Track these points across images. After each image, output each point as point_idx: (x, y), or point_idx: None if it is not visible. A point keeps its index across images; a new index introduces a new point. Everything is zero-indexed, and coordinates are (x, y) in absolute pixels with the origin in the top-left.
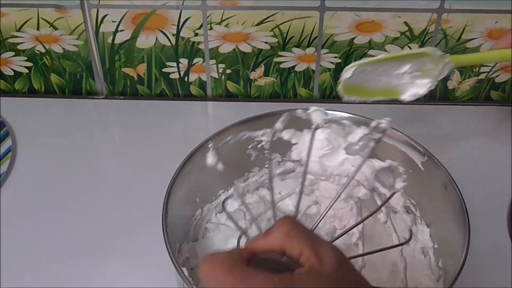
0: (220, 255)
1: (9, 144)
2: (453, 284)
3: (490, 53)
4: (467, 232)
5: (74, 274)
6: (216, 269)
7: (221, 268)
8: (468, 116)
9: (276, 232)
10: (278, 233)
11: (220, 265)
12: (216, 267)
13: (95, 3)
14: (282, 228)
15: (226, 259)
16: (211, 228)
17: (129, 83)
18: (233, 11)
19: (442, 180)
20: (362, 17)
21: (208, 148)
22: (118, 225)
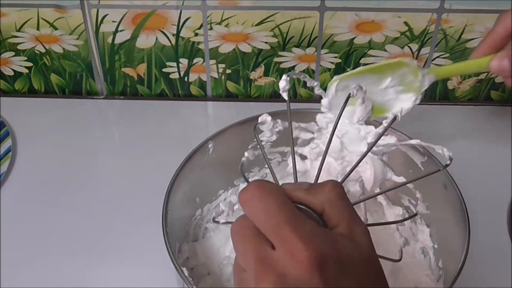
0: (271, 184)
1: (9, 144)
2: (453, 284)
3: (467, 63)
4: (467, 232)
5: (74, 274)
6: (268, 198)
7: (274, 200)
8: (468, 116)
9: (322, 194)
10: (323, 196)
11: (272, 196)
12: (267, 196)
13: (95, 3)
14: (329, 193)
15: (277, 192)
16: (211, 228)
17: (129, 83)
18: (233, 11)
19: (442, 180)
20: (362, 17)
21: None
22: (118, 225)
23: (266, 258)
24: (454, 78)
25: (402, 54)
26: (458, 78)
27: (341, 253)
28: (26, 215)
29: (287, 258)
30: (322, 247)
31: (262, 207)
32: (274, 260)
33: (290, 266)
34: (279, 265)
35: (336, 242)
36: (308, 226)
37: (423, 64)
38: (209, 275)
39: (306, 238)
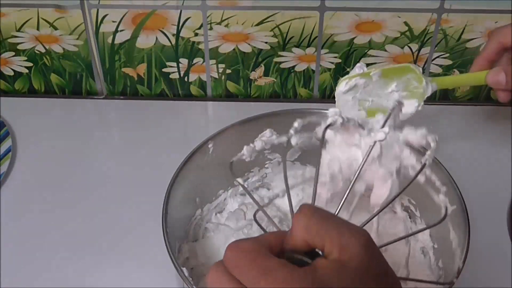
0: (247, 243)
1: (9, 144)
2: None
3: (467, 76)
4: (467, 232)
5: (74, 274)
6: (241, 257)
7: (245, 257)
8: (468, 116)
9: (296, 228)
10: (298, 229)
11: (244, 254)
12: (240, 255)
13: (95, 3)
14: (299, 222)
15: (252, 248)
16: (211, 228)
17: (129, 83)
18: (233, 11)
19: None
20: (362, 17)
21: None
22: (118, 225)
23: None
24: None
25: (402, 54)
26: None
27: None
28: (26, 215)
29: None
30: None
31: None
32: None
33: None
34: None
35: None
36: (284, 273)
37: (423, 64)
38: None
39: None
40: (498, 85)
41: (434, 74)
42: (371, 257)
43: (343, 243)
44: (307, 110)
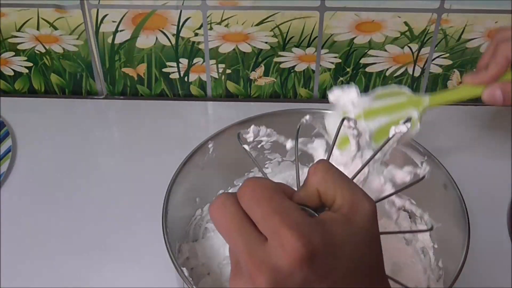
0: (266, 181)
1: (9, 144)
2: (453, 284)
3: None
4: (467, 232)
5: (74, 274)
6: (258, 190)
7: (263, 192)
8: (468, 116)
9: (311, 179)
10: (312, 180)
11: (262, 189)
12: (258, 188)
13: (95, 3)
14: (316, 173)
15: (270, 186)
16: (211, 228)
17: (129, 83)
18: (233, 11)
19: (442, 180)
20: (362, 17)
21: None
22: (118, 225)
23: (257, 252)
24: (454, 78)
25: (402, 54)
26: (458, 78)
27: (333, 241)
28: (26, 215)
29: (278, 250)
30: (312, 237)
31: (254, 198)
32: (266, 253)
33: (281, 258)
34: (271, 258)
35: (327, 230)
36: (297, 215)
37: (423, 64)
38: (209, 275)
39: (295, 228)
40: (494, 103)
41: (434, 74)
42: (375, 224)
43: (354, 201)
44: (307, 110)
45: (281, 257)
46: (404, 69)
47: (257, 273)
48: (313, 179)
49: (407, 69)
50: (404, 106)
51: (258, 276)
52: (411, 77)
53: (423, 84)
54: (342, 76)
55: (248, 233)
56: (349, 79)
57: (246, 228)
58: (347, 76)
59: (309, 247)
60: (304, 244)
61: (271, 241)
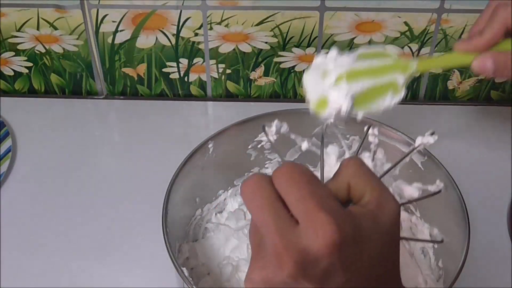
0: (304, 167)
1: (9, 144)
2: (453, 284)
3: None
4: (467, 232)
5: (74, 274)
6: (298, 173)
7: (301, 176)
8: (468, 116)
9: (343, 171)
10: (344, 172)
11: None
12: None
13: (95, 3)
14: (349, 167)
15: (308, 172)
16: (211, 228)
17: (129, 83)
18: (233, 11)
19: (442, 180)
20: (362, 17)
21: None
22: (118, 225)
23: (288, 233)
24: (454, 78)
25: (402, 54)
26: (458, 78)
27: (360, 234)
28: (26, 215)
29: (310, 232)
30: (345, 226)
31: (291, 180)
32: (296, 234)
33: (312, 241)
34: (301, 240)
35: (357, 223)
36: (333, 202)
37: None
38: (209, 275)
39: (331, 214)
40: (484, 73)
41: (434, 74)
42: (397, 225)
43: (382, 199)
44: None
45: (312, 240)
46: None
47: (284, 254)
48: (346, 172)
49: None
50: (390, 69)
51: (285, 256)
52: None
53: (423, 84)
54: None
55: (281, 214)
56: None
57: (279, 209)
58: None
59: (342, 234)
60: (337, 231)
61: (303, 224)
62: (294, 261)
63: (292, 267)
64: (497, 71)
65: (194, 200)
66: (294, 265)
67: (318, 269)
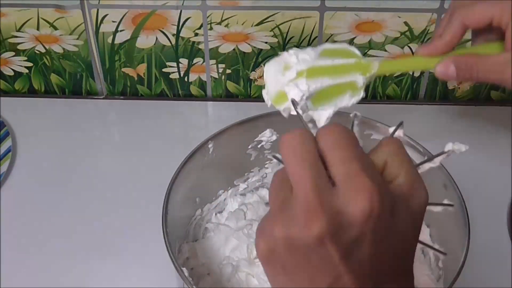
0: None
1: (9, 144)
2: (453, 284)
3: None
4: (467, 232)
5: (74, 274)
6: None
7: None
8: (468, 116)
9: (384, 148)
10: (385, 149)
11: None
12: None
13: (95, 3)
14: (390, 145)
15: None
16: (211, 228)
17: (129, 83)
18: (233, 11)
19: (442, 180)
20: (362, 17)
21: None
22: (118, 225)
23: (324, 191)
24: None
25: (402, 54)
26: None
27: (395, 210)
28: (26, 215)
29: (349, 195)
30: (385, 197)
31: (339, 139)
32: (333, 195)
33: (350, 204)
34: (338, 201)
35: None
36: (376, 173)
37: None
38: (209, 275)
39: (374, 182)
40: (448, 78)
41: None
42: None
43: (415, 184)
44: None
45: (350, 204)
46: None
47: (317, 211)
48: (386, 149)
49: None
50: (351, 69)
51: (317, 214)
52: (411, 77)
53: (423, 84)
54: None
55: (320, 172)
56: None
57: (319, 166)
58: None
59: (381, 206)
60: (379, 200)
61: (344, 185)
62: (326, 220)
63: (322, 227)
64: (460, 75)
65: (194, 200)
66: (325, 225)
67: (348, 236)
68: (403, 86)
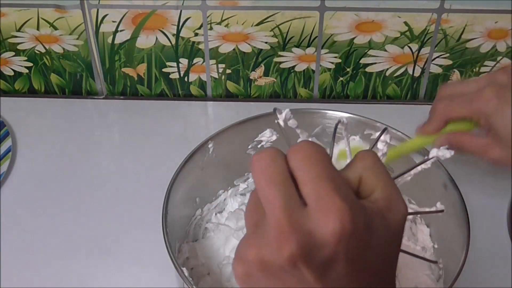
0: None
1: (9, 144)
2: (453, 284)
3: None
4: (467, 232)
5: (74, 274)
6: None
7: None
8: None
9: (358, 163)
10: (359, 164)
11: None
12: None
13: (95, 3)
14: (365, 159)
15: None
16: (211, 228)
17: (129, 83)
18: (233, 11)
19: (442, 180)
20: (362, 17)
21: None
22: (118, 225)
23: (295, 212)
24: (454, 78)
25: (402, 54)
26: (458, 78)
27: (370, 228)
28: (26, 215)
29: (320, 215)
30: (358, 216)
31: (309, 158)
32: (304, 215)
33: (321, 224)
34: (309, 222)
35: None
36: (348, 191)
37: (423, 64)
38: (209, 275)
39: (345, 201)
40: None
41: (434, 74)
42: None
43: (392, 199)
44: (307, 110)
45: (321, 224)
46: (404, 69)
47: (288, 233)
48: (361, 164)
49: (407, 69)
50: None
51: (289, 236)
52: (411, 77)
53: (423, 84)
54: (342, 76)
55: (291, 192)
56: (349, 79)
57: (289, 186)
58: (347, 76)
59: (353, 225)
60: (350, 220)
61: (314, 205)
62: (297, 242)
63: (293, 248)
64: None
65: (194, 200)
66: (296, 247)
67: (321, 257)
68: (403, 86)
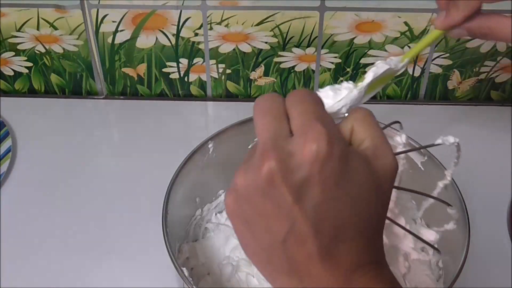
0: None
1: (9, 144)
2: (453, 284)
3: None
4: (467, 232)
5: (74, 274)
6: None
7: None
8: (468, 116)
9: (350, 115)
10: (351, 116)
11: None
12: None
13: (95, 3)
14: (357, 112)
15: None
16: (211, 228)
17: (129, 83)
18: (233, 11)
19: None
20: (362, 17)
21: None
22: (118, 225)
23: (280, 138)
24: (454, 78)
25: (402, 54)
26: (458, 78)
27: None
28: (26, 215)
29: (300, 139)
30: (337, 144)
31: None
32: (287, 141)
33: (299, 146)
34: (290, 145)
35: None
36: (333, 125)
37: (423, 64)
38: (209, 275)
39: (327, 127)
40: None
41: (434, 74)
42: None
43: (381, 150)
44: None
45: (299, 146)
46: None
47: (269, 151)
48: (353, 115)
49: (407, 69)
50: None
51: (269, 154)
52: (411, 77)
53: (423, 84)
54: (342, 76)
55: (282, 125)
56: (349, 79)
57: (282, 121)
58: (347, 76)
59: (329, 150)
60: (327, 145)
61: (297, 133)
62: (275, 159)
63: (272, 164)
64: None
65: (194, 200)
66: (274, 163)
67: (297, 176)
68: (403, 86)
